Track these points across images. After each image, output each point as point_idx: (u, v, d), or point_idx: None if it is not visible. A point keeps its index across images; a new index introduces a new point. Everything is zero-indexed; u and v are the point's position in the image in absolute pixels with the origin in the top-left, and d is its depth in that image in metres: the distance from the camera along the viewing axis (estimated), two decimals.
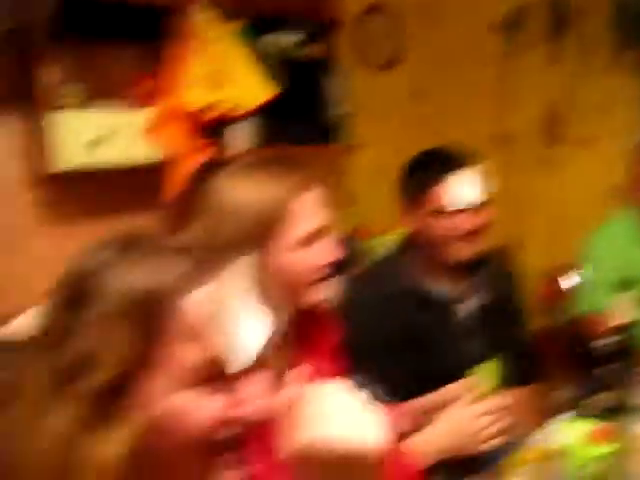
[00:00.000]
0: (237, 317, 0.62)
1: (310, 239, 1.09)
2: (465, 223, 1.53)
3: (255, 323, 0.63)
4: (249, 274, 0.64)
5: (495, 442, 1.20)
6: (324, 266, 1.11)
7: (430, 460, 1.17)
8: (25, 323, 1.91)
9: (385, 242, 2.59)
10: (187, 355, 0.60)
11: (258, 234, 1.02)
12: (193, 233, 1.00)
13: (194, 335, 0.60)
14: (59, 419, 0.58)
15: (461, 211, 1.53)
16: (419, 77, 3.09)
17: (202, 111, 2.00)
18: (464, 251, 1.56)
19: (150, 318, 0.60)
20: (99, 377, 0.58)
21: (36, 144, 1.96)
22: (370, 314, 1.56)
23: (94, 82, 2.01)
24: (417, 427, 1.26)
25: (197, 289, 0.61)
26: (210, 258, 0.64)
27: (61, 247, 2.13)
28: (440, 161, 1.59)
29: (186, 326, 0.60)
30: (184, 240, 0.68)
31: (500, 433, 1.20)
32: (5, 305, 1.98)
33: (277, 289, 0.68)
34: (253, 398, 0.62)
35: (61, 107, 1.86)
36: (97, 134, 1.89)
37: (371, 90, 2.88)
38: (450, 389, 1.31)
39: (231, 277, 0.63)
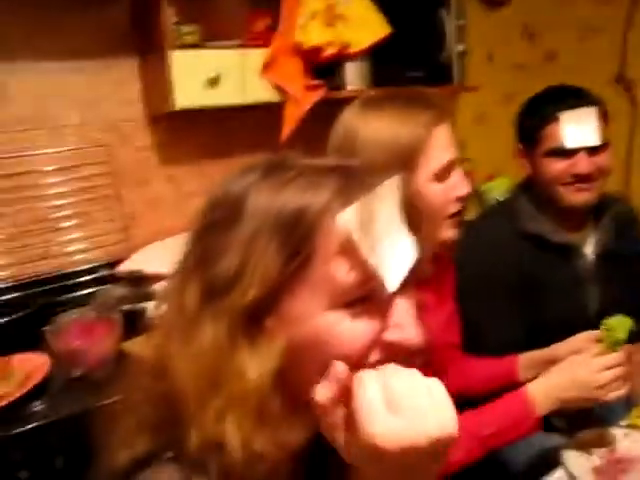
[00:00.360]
0: (387, 239, 0.59)
1: (444, 172, 1.09)
2: (579, 166, 1.47)
3: (403, 247, 0.61)
4: (396, 198, 0.62)
5: (615, 396, 1.16)
6: (457, 200, 1.10)
7: (547, 408, 1.14)
8: (146, 257, 2.02)
9: (495, 188, 2.53)
10: (338, 275, 0.59)
11: (395, 168, 1.01)
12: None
13: (345, 254, 0.59)
14: (208, 334, 0.60)
15: (575, 152, 1.47)
16: (531, 16, 2.92)
17: (316, 50, 1.98)
18: (578, 196, 1.50)
19: (300, 237, 0.59)
20: (247, 294, 0.59)
21: (155, 84, 2.01)
22: (485, 259, 1.54)
23: (210, 22, 2.01)
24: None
25: (347, 208, 0.59)
26: (356, 180, 0.62)
27: (179, 185, 2.22)
28: (558, 98, 1.53)
29: (337, 245, 0.59)
30: (328, 163, 0.66)
31: (622, 388, 1.16)
32: (127, 241, 2.11)
33: (416, 219, 0.66)
34: (406, 324, 0.61)
35: (179, 47, 1.88)
36: (214, 73, 1.91)
37: (480, 30, 2.75)
38: (576, 340, 1.26)
39: (379, 199, 0.60)
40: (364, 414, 0.52)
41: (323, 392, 0.56)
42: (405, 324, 0.60)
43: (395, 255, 0.60)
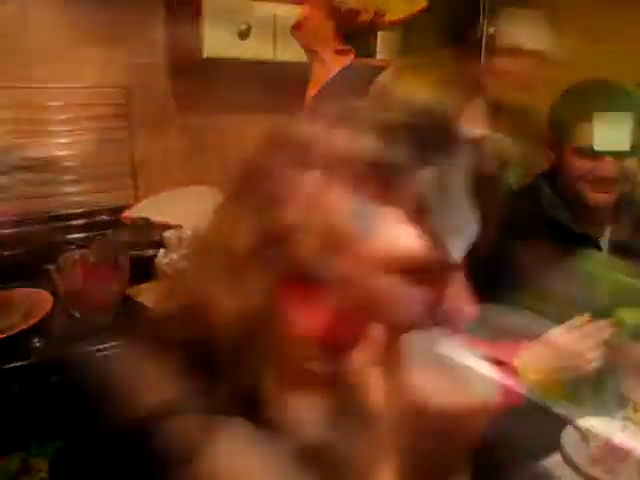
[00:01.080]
0: (458, 208, 0.57)
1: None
2: (604, 169, 1.46)
3: (470, 219, 0.58)
4: (470, 168, 0.59)
5: (592, 366, 1.19)
6: None
7: (528, 378, 1.15)
8: (153, 206, 2.00)
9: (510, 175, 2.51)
10: (403, 238, 0.56)
11: None
12: None
13: (414, 217, 0.56)
14: (256, 282, 0.57)
15: (603, 154, 1.45)
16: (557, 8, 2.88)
17: (352, 13, 1.94)
18: (597, 197, 1.50)
19: (371, 192, 0.55)
20: (303, 248, 0.55)
21: (182, 30, 1.97)
22: (501, 240, 1.53)
23: None
24: None
25: (424, 169, 0.56)
26: (434, 141, 0.59)
27: (193, 137, 2.18)
28: (597, 95, 1.51)
29: (407, 206, 0.56)
30: (404, 119, 0.62)
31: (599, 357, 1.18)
32: (135, 187, 2.08)
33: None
34: (462, 298, 0.59)
35: None
36: (245, 25, 1.87)
37: None
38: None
39: (457, 166, 0.58)
40: (411, 373, 0.52)
41: (362, 354, 0.55)
42: (461, 298, 0.59)
43: (463, 226, 0.57)
